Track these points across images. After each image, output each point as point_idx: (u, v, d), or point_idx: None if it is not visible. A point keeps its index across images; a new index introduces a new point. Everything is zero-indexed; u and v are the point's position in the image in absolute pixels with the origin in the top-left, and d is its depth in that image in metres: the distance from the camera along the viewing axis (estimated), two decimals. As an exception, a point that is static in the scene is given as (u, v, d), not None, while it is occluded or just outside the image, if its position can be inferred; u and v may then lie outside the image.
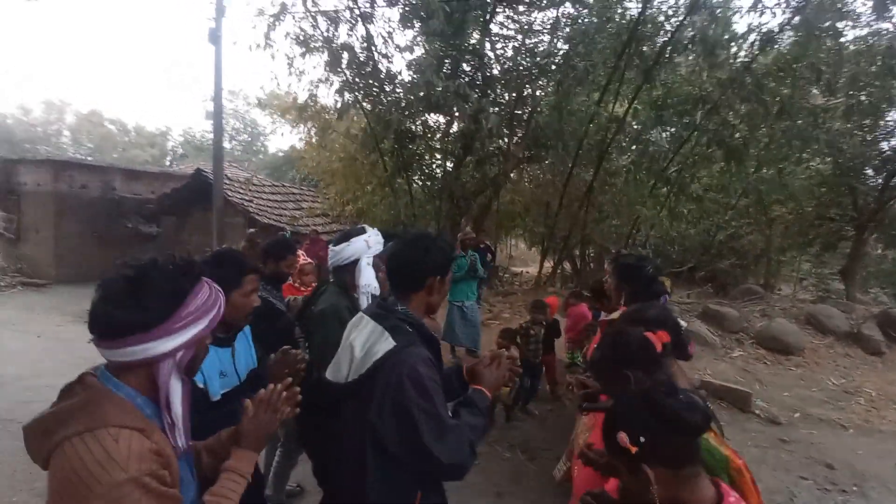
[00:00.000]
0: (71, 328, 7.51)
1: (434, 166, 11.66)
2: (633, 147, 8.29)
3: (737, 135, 7.28)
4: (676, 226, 8.13)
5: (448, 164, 11.17)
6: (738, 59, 6.72)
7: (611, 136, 7.85)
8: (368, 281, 2.19)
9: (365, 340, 1.37)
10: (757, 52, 6.77)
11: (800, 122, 6.79)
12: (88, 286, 8.04)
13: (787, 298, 9.16)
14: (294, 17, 8.16)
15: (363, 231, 2.28)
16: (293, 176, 19.28)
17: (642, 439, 0.92)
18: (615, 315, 2.46)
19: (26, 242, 11.15)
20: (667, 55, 6.65)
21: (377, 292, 2.17)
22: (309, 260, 4.36)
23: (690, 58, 6.98)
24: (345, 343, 1.49)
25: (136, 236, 11.74)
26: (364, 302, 2.16)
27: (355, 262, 2.19)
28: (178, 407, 1.02)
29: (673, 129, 8.00)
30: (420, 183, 11.50)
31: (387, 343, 1.31)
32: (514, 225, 13.76)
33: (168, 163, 27.47)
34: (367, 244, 2.22)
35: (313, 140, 11.37)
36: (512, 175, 11.35)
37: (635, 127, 8.24)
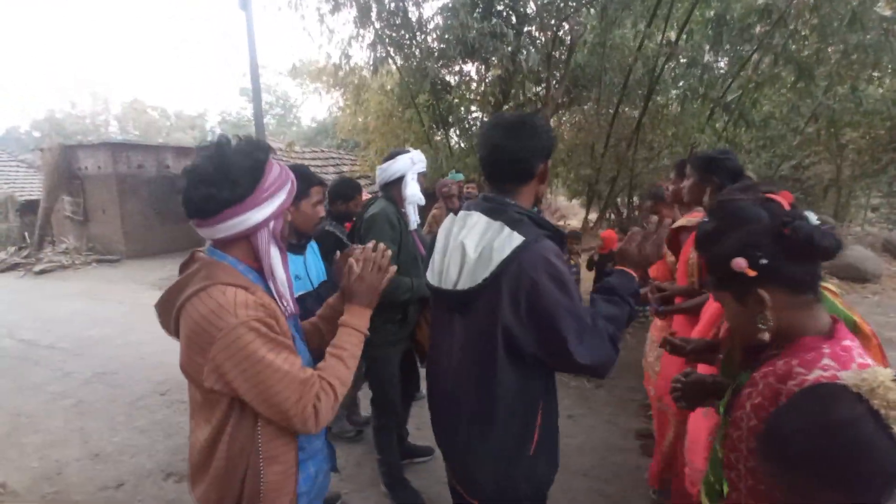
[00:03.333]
0: (146, 294, 8.09)
1: (471, 118, 11.41)
2: (686, 74, 7.69)
3: (806, 50, 6.61)
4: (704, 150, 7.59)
5: (485, 115, 10.88)
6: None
7: (661, 66, 7.33)
8: (413, 192, 2.37)
9: (479, 238, 1.22)
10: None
11: (871, 34, 6.05)
12: (155, 259, 8.68)
13: (860, 229, 8.50)
14: (321, -29, 7.96)
15: (406, 151, 2.44)
16: (329, 143, 19.44)
17: (764, 261, 0.86)
18: (686, 221, 2.35)
19: (94, 222, 11.94)
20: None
21: (422, 202, 2.40)
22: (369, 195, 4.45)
23: None
24: (448, 243, 1.34)
25: (190, 211, 12.28)
26: (411, 212, 2.39)
27: (401, 179, 2.37)
28: (280, 272, 1.15)
29: (731, 51, 7.34)
30: (457, 136, 11.31)
31: (512, 238, 1.16)
32: (556, 174, 13.37)
33: (208, 141, 28.26)
34: (412, 161, 2.39)
35: (348, 102, 11.32)
36: (552, 121, 10.95)
37: (682, 58, 7.63)
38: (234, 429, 1.08)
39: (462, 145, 11.16)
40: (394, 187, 2.39)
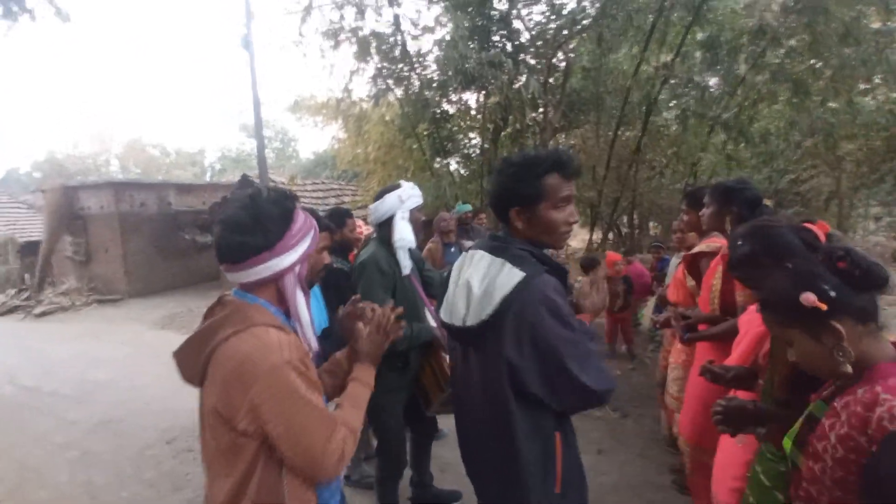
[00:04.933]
0: (149, 334, 7.95)
1: (470, 145, 11.54)
2: (683, 95, 7.82)
3: (800, 66, 6.75)
4: (737, 173, 7.65)
5: (485, 141, 11.02)
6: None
7: (658, 87, 7.46)
8: (402, 235, 2.19)
9: (483, 275, 1.26)
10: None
11: (864, 46, 6.21)
12: (156, 297, 8.52)
13: (864, 241, 8.50)
14: (321, 12, 8.19)
15: (397, 187, 2.27)
16: (328, 175, 19.62)
17: (833, 293, 0.88)
18: (705, 246, 2.33)
19: (96, 262, 11.87)
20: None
21: (412, 244, 2.23)
22: (371, 230, 4.44)
23: None
24: (456, 280, 1.39)
25: (193, 247, 12.27)
26: (402, 256, 2.21)
27: (392, 219, 2.21)
28: (305, 314, 1.19)
29: (724, 71, 7.49)
30: (457, 163, 11.41)
31: (513, 275, 1.20)
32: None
33: (208, 178, 28.60)
34: (400, 199, 2.21)
35: (349, 133, 11.46)
36: (550, 145, 11.08)
37: (677, 78, 7.79)
38: (260, 479, 1.06)
39: (463, 172, 11.27)
40: (385, 228, 2.26)
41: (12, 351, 7.18)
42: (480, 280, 1.26)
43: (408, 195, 2.25)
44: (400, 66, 8.74)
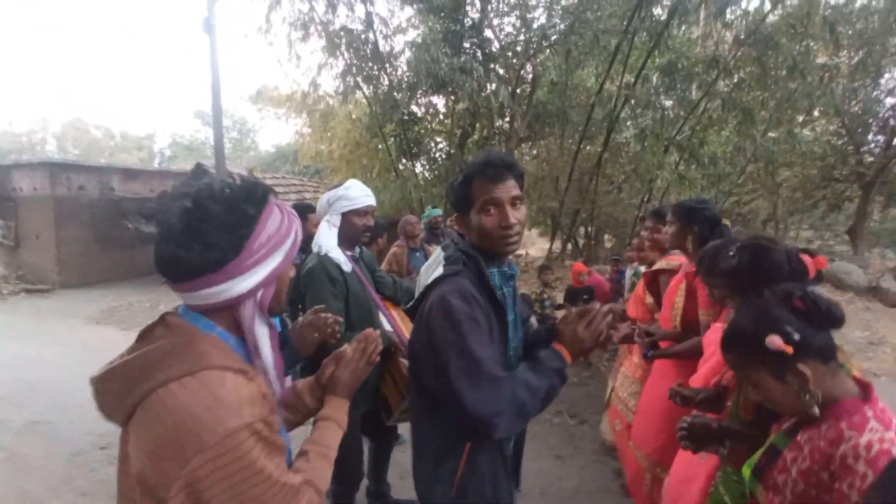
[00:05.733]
0: (83, 330, 7.38)
1: (437, 149, 11.57)
2: (643, 115, 8.22)
3: (748, 96, 7.26)
4: (687, 192, 8.10)
5: (452, 146, 11.08)
6: (749, 18, 6.64)
7: (620, 105, 7.80)
8: (321, 242, 2.02)
9: (426, 270, 1.30)
10: (768, 10, 6.70)
11: (809, 80, 6.77)
12: (93, 289, 7.93)
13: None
14: (291, 0, 7.96)
15: (335, 188, 2.11)
16: (288, 169, 19.05)
17: (796, 336, 0.89)
18: (665, 263, 2.43)
19: (26, 249, 10.90)
20: (677, 16, 6.56)
21: (333, 252, 2.02)
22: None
23: (702, 19, 6.91)
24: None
25: (137, 237, 11.52)
26: (339, 257, 2.03)
27: None
28: (266, 350, 0.90)
29: (679, 95, 7.94)
30: (422, 166, 11.41)
31: (438, 270, 1.22)
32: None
33: (157, 165, 27.01)
34: (328, 202, 2.06)
35: (313, 128, 11.19)
36: (515, 153, 11.31)
37: (637, 99, 8.18)
38: None
39: (428, 175, 11.27)
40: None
41: (-78, 344, 6.45)
42: (425, 273, 1.29)
43: (337, 196, 2.05)
44: (370, 64, 8.64)
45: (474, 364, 1.07)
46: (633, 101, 7.95)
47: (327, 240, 2.02)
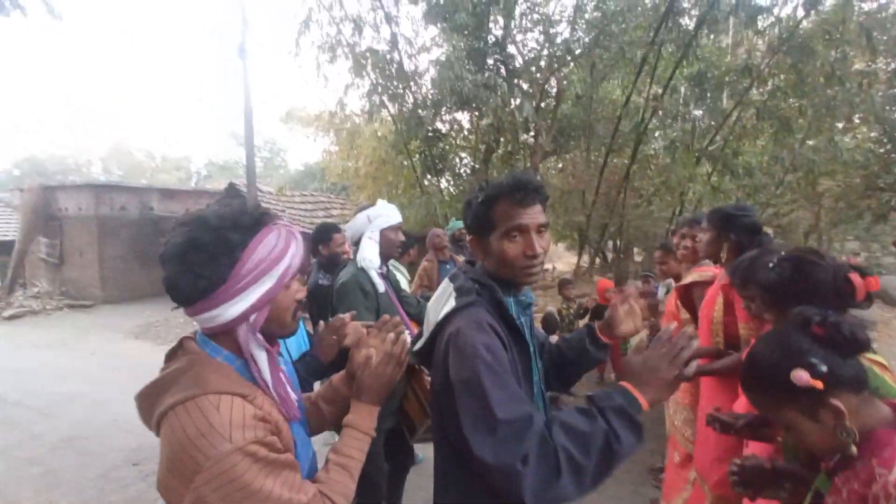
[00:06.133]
0: (121, 344, 7.65)
1: (461, 164, 11.62)
2: (672, 126, 8.03)
3: (784, 104, 6.99)
4: (721, 204, 7.82)
5: (476, 161, 11.11)
6: (782, 25, 6.44)
7: (648, 117, 7.65)
8: (364, 255, 2.13)
9: (435, 303, 1.18)
10: (802, 16, 6.48)
11: (847, 86, 6.48)
12: (133, 305, 8.26)
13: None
14: (319, 25, 8.22)
15: (369, 206, 2.27)
16: (316, 187, 19.50)
17: (823, 368, 0.81)
18: (698, 276, 2.29)
19: (70, 266, 11.48)
20: (705, 27, 6.42)
21: (374, 265, 2.14)
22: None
23: (732, 27, 6.74)
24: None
25: (173, 254, 11.96)
26: (374, 276, 2.15)
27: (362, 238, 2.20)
28: (266, 374, 0.93)
29: (710, 105, 7.73)
30: (447, 182, 11.46)
31: (448, 304, 1.10)
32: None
33: (193, 184, 28.17)
34: (368, 219, 2.18)
35: (340, 146, 11.43)
36: (540, 168, 11.23)
37: (665, 110, 8.01)
38: None
39: (453, 191, 11.30)
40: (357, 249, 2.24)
41: (-26, 357, 6.82)
42: (435, 308, 1.17)
43: (377, 214, 2.19)
44: (395, 83, 8.80)
45: (488, 409, 0.91)
46: (661, 113, 7.79)
47: (372, 254, 2.14)
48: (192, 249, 0.86)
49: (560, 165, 11.67)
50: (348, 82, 8.53)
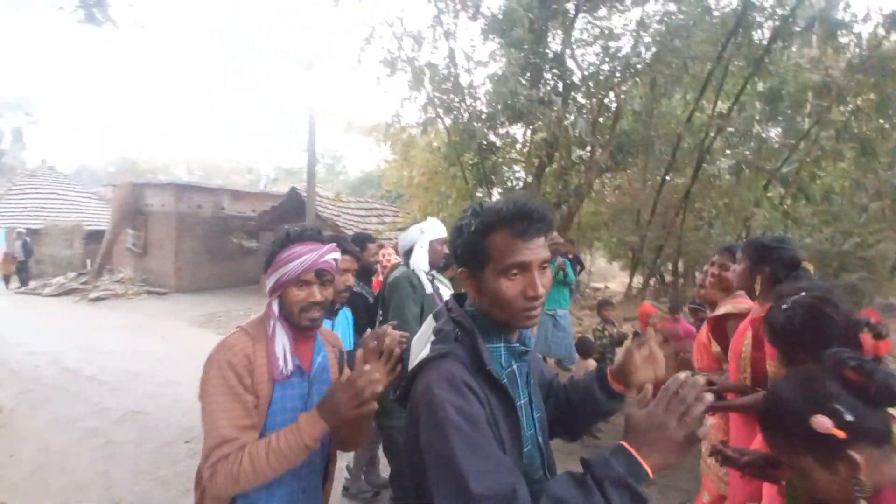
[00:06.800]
0: (186, 331, 8.31)
1: (514, 177, 11.58)
2: (738, 146, 7.55)
3: (866, 126, 6.38)
4: (795, 232, 7.21)
5: (529, 175, 11.03)
6: (863, 42, 5.91)
7: (713, 136, 7.25)
8: (415, 260, 2.51)
9: (416, 342, 1.08)
10: (884, 34, 5.94)
11: None
12: (201, 295, 8.91)
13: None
14: (381, 40, 8.60)
15: (423, 221, 2.67)
16: (373, 194, 20.18)
17: (849, 418, 0.76)
18: (731, 307, 2.17)
19: (151, 256, 12.66)
20: (779, 42, 6.02)
21: (426, 268, 2.50)
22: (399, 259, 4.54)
23: (806, 44, 6.27)
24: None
25: (239, 251, 12.86)
26: (423, 276, 2.48)
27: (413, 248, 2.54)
28: (279, 336, 1.26)
29: (785, 124, 7.19)
30: (499, 195, 11.46)
31: (424, 352, 0.98)
32: (597, 237, 13.19)
33: (262, 186, 30.13)
34: (421, 231, 2.57)
35: (395, 157, 11.80)
36: (595, 184, 10.94)
37: (730, 130, 7.53)
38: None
39: (503, 203, 11.24)
40: (409, 255, 2.60)
41: (62, 334, 7.70)
42: (416, 346, 1.07)
43: (429, 227, 2.60)
44: (451, 96, 8.98)
45: (460, 482, 0.79)
46: (727, 130, 7.37)
47: (422, 260, 2.51)
48: (269, 245, 1.33)
49: (617, 182, 11.32)
50: (406, 96, 8.83)
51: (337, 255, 1.35)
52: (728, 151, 7.85)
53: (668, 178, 8.25)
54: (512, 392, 0.96)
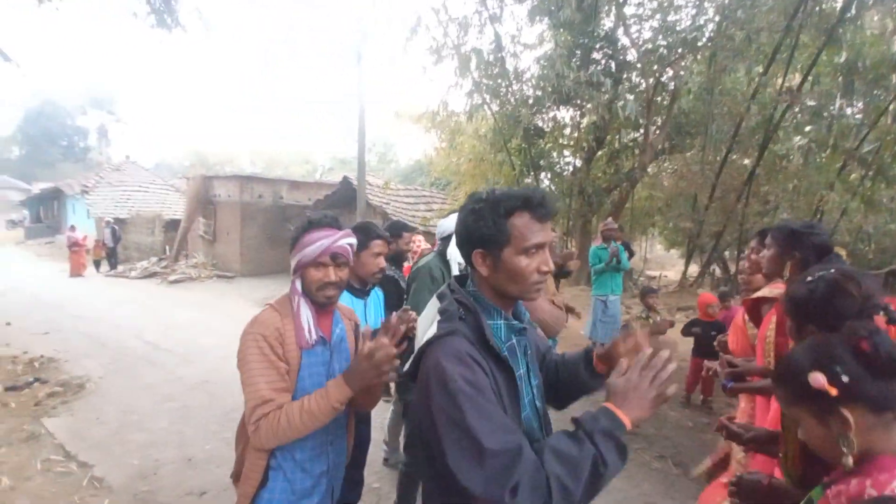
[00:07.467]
0: (250, 310, 8.84)
1: (563, 163, 11.33)
2: (810, 125, 6.92)
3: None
4: (873, 218, 6.55)
5: (578, 160, 10.75)
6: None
7: (780, 114, 6.70)
8: (453, 252, 2.42)
9: (423, 322, 1.17)
10: None
11: None
12: (262, 279, 9.58)
13: None
14: (427, 29, 8.66)
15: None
16: (422, 181, 20.46)
17: (845, 378, 0.82)
18: (768, 291, 2.10)
19: (220, 243, 13.69)
20: (853, 10, 5.43)
21: (458, 259, 2.39)
22: (429, 246, 4.65)
23: (886, 13, 5.60)
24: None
25: (296, 238, 13.59)
26: (455, 270, 2.42)
27: (451, 236, 2.43)
28: (295, 308, 1.42)
29: (866, 100, 6.50)
30: (549, 180, 11.26)
31: (431, 331, 1.07)
32: (652, 223, 12.64)
33: (318, 175, 31.43)
34: None
35: (443, 144, 11.90)
36: (649, 168, 10.46)
37: (809, 103, 6.88)
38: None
39: (553, 190, 11.07)
40: (446, 242, 2.54)
41: (146, 311, 8.59)
42: (422, 326, 1.16)
43: None
44: (497, 81, 8.91)
45: (473, 441, 0.91)
46: (798, 107, 6.78)
47: (456, 251, 2.40)
48: (294, 231, 1.46)
49: (672, 166, 10.75)
50: (452, 83, 8.87)
51: (351, 240, 1.47)
52: (795, 131, 7.21)
53: (730, 158, 7.72)
54: (512, 363, 1.07)
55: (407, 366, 1.14)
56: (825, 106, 6.48)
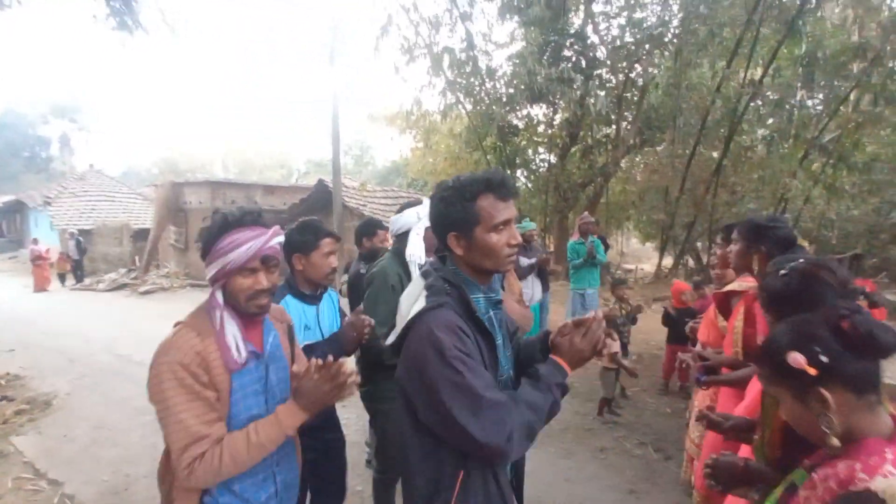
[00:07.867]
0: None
1: (538, 159, 11.44)
2: (773, 116, 7.16)
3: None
4: (836, 204, 6.81)
5: (552, 156, 10.87)
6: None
7: (744, 106, 6.91)
8: (413, 251, 2.20)
9: (406, 299, 1.24)
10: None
11: None
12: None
13: None
14: (399, 27, 8.62)
15: (419, 202, 2.29)
16: (400, 183, 20.38)
17: (824, 358, 0.81)
18: (737, 285, 2.16)
19: (192, 251, 13.32)
20: (812, 2, 5.64)
21: (421, 261, 2.18)
22: None
23: (843, 4, 5.84)
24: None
25: (272, 243, 13.34)
26: (414, 270, 2.19)
27: (408, 233, 2.22)
28: (217, 325, 1.21)
29: (826, 90, 6.76)
30: (524, 177, 11.37)
31: (418, 304, 1.16)
32: (627, 217, 12.88)
33: (294, 179, 30.94)
34: (418, 215, 2.23)
35: (419, 144, 11.87)
36: (622, 163, 10.66)
37: (771, 96, 7.11)
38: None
39: (529, 186, 11.18)
40: (402, 240, 2.26)
41: (116, 323, 8.29)
42: (407, 304, 1.23)
43: (426, 213, 2.16)
44: (470, 80, 8.93)
45: (474, 396, 1.06)
46: (759, 100, 7.01)
47: (417, 248, 2.22)
48: (203, 231, 1.26)
49: (644, 160, 10.99)
50: (424, 82, 8.85)
51: (281, 238, 1.29)
52: (758, 123, 7.45)
53: (697, 152, 7.93)
54: (492, 333, 1.22)
55: (391, 338, 1.22)
56: (787, 97, 6.71)
